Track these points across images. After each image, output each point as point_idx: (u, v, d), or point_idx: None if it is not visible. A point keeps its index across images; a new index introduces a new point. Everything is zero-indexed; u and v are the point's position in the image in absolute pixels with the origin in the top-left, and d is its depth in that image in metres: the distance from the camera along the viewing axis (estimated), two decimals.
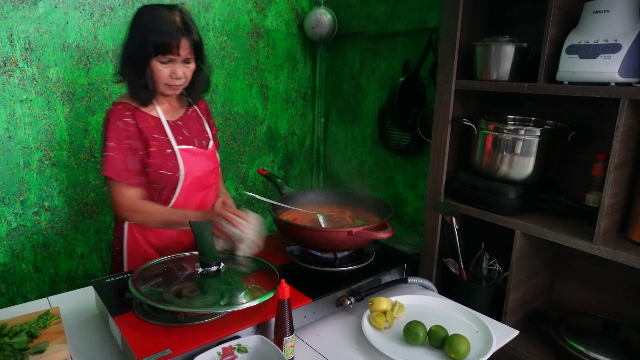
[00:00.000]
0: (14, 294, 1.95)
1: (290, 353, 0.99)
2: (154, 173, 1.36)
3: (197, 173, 1.43)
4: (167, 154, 1.37)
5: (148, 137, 1.35)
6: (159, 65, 1.29)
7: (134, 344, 0.89)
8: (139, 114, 1.36)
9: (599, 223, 1.29)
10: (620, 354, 1.32)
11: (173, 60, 1.30)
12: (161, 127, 1.39)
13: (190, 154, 1.42)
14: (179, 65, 1.31)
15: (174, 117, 1.45)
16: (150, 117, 1.38)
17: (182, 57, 1.30)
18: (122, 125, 1.32)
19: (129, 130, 1.33)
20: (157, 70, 1.30)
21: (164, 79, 1.32)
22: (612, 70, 1.23)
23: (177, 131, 1.42)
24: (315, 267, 1.27)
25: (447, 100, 1.62)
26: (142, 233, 1.45)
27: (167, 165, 1.37)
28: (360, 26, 2.47)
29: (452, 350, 0.99)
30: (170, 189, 1.40)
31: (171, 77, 1.32)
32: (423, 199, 2.31)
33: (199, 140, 1.47)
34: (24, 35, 1.77)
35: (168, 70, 1.31)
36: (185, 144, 1.42)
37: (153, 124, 1.38)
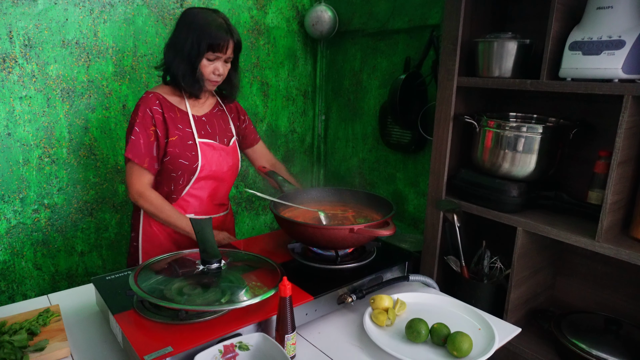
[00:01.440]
0: (13, 292, 1.94)
1: (292, 350, 0.98)
2: (174, 161, 1.45)
3: (214, 167, 1.51)
4: (188, 144, 1.46)
5: (171, 127, 1.45)
6: (206, 61, 1.41)
7: (135, 342, 0.88)
8: (167, 105, 1.47)
9: (601, 220, 1.29)
10: (622, 351, 1.31)
11: (218, 58, 1.42)
12: (187, 119, 1.49)
13: (210, 148, 1.51)
14: (221, 63, 1.44)
15: (200, 112, 1.54)
16: (177, 109, 1.48)
17: (227, 55, 1.43)
18: (150, 112, 1.42)
19: (156, 118, 1.43)
20: (203, 66, 1.42)
21: (207, 74, 1.44)
22: (616, 66, 1.22)
23: (201, 126, 1.51)
24: (317, 265, 1.26)
25: (449, 97, 1.62)
26: (159, 222, 1.52)
27: (186, 155, 1.45)
28: (361, 23, 2.46)
29: (455, 347, 0.98)
30: (186, 178, 1.48)
31: (214, 73, 1.44)
32: (424, 197, 2.30)
33: (220, 136, 1.56)
34: (23, 31, 1.77)
35: (212, 67, 1.43)
36: (206, 138, 1.51)
37: (179, 116, 1.48)
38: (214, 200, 1.59)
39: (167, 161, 1.45)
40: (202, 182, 1.51)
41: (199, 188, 1.52)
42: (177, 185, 1.49)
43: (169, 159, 1.45)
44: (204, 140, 1.50)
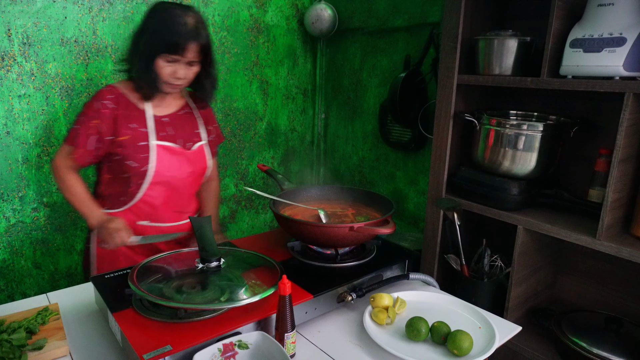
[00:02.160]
0: (13, 290, 1.94)
1: (292, 349, 0.98)
2: (122, 162, 1.37)
3: (170, 172, 1.41)
4: (139, 146, 1.37)
5: (122, 125, 1.36)
6: (162, 62, 1.31)
7: (134, 340, 0.88)
8: (123, 101, 1.37)
9: (602, 218, 1.28)
10: (623, 350, 1.31)
11: (177, 61, 1.31)
12: (142, 119, 1.39)
13: (169, 151, 1.41)
14: (182, 66, 1.33)
15: (162, 112, 1.44)
16: (134, 107, 1.39)
17: (187, 59, 1.32)
18: (99, 105, 1.35)
19: (102, 112, 1.34)
20: (159, 67, 1.32)
21: (165, 77, 1.34)
22: (617, 64, 1.22)
23: (162, 127, 1.42)
24: (316, 263, 1.26)
25: (449, 95, 1.61)
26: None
27: (135, 157, 1.36)
28: (361, 21, 2.45)
29: (455, 346, 0.98)
30: (136, 182, 1.39)
31: (172, 77, 1.34)
32: (424, 195, 2.30)
33: (184, 140, 1.46)
34: (22, 29, 1.76)
35: (170, 69, 1.32)
36: (165, 140, 1.41)
37: (135, 114, 1.38)
38: (171, 207, 1.49)
39: (117, 160, 1.37)
40: (157, 188, 1.42)
41: (153, 195, 1.42)
42: (127, 188, 1.40)
43: (119, 158, 1.37)
44: (162, 143, 1.40)
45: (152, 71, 1.32)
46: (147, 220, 1.45)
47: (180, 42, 1.27)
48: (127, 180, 1.39)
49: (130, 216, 1.43)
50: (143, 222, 1.45)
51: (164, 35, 1.27)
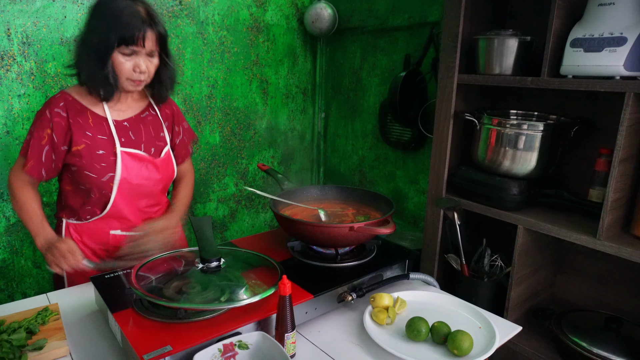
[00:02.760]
0: (13, 290, 1.94)
1: (292, 349, 0.98)
2: (80, 173, 1.29)
3: (136, 180, 1.34)
4: (98, 155, 1.28)
5: (77, 133, 1.27)
6: (121, 57, 1.22)
7: (134, 341, 0.88)
8: (76, 108, 1.28)
9: (602, 218, 1.28)
10: (623, 349, 1.31)
11: (136, 53, 1.23)
12: (102, 125, 1.30)
13: (135, 158, 1.33)
14: (143, 58, 1.25)
15: (122, 116, 1.35)
16: (90, 113, 1.30)
17: (147, 49, 1.23)
18: (49, 115, 1.25)
19: (54, 122, 1.25)
20: (119, 63, 1.22)
21: (127, 73, 1.24)
22: (617, 63, 1.21)
23: (122, 132, 1.33)
24: (317, 263, 1.25)
25: (449, 95, 1.61)
26: (79, 234, 1.38)
27: (94, 167, 1.28)
28: (360, 21, 2.45)
29: (455, 346, 0.98)
30: (98, 193, 1.31)
31: (134, 71, 1.25)
32: (424, 195, 2.30)
33: (147, 145, 1.37)
34: (21, 29, 1.76)
35: (131, 63, 1.23)
36: (129, 146, 1.33)
37: (91, 121, 1.29)
38: (143, 215, 1.42)
39: (75, 172, 1.29)
40: (125, 197, 1.34)
41: (121, 204, 1.34)
42: (88, 200, 1.32)
43: (76, 169, 1.29)
44: (126, 149, 1.31)
45: (110, 69, 1.22)
46: (118, 229, 1.39)
47: (137, 32, 1.19)
48: (87, 191, 1.31)
49: (101, 225, 1.37)
50: (115, 231, 1.39)
51: (119, 26, 1.18)
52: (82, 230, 1.38)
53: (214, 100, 2.39)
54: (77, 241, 1.38)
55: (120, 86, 1.28)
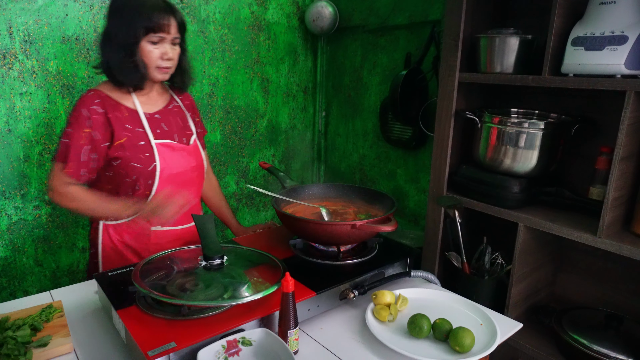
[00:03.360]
0: (15, 288, 1.95)
1: (295, 346, 0.98)
2: (125, 165, 1.31)
3: (175, 169, 1.38)
4: (140, 145, 1.32)
5: (117, 127, 1.30)
6: (150, 46, 1.27)
7: (139, 338, 0.88)
8: (111, 103, 1.31)
9: (603, 216, 1.29)
10: (623, 347, 1.32)
11: (163, 40, 1.28)
12: (137, 118, 1.34)
13: (169, 148, 1.37)
14: (169, 46, 1.30)
15: (152, 109, 1.40)
16: (124, 107, 1.33)
17: (172, 35, 1.29)
18: (87, 113, 1.28)
19: (93, 119, 1.28)
20: (147, 52, 1.27)
21: (155, 61, 1.29)
22: (618, 62, 1.22)
23: (155, 124, 1.37)
24: (319, 261, 1.26)
25: (451, 93, 1.61)
26: (119, 234, 1.40)
27: (139, 158, 1.31)
28: (361, 19, 2.45)
29: (457, 343, 0.98)
30: (144, 184, 1.34)
31: (162, 59, 1.29)
32: (424, 193, 2.30)
33: (179, 135, 1.42)
34: (23, 27, 1.76)
35: (158, 51, 1.28)
36: (163, 138, 1.37)
37: (126, 115, 1.33)
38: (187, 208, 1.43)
39: (118, 166, 1.31)
40: (166, 187, 1.37)
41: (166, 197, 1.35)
42: (134, 192, 1.34)
43: (120, 162, 1.31)
44: (160, 141, 1.35)
45: (139, 58, 1.27)
46: (158, 225, 1.41)
47: (164, 19, 1.25)
48: (133, 184, 1.33)
49: (142, 224, 1.39)
50: (156, 227, 1.41)
51: (146, 16, 1.23)
52: (122, 230, 1.40)
53: (215, 99, 2.39)
54: (117, 242, 1.40)
55: (149, 76, 1.32)
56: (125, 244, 1.41)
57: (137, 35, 1.25)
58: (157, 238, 1.43)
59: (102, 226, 1.40)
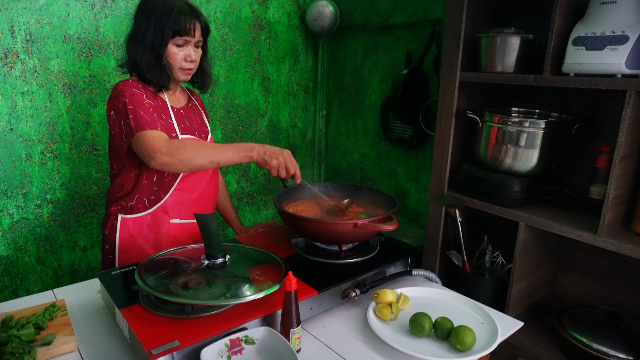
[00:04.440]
0: (17, 287, 1.95)
1: (297, 344, 0.99)
2: None
3: None
4: (172, 136, 1.35)
5: (157, 113, 1.34)
6: (175, 48, 1.33)
7: (142, 336, 0.89)
8: (149, 92, 1.36)
9: (603, 215, 1.29)
10: (623, 345, 1.32)
11: (188, 43, 1.34)
12: (167, 111, 1.39)
13: None
14: (193, 48, 1.36)
15: (177, 105, 1.45)
16: (159, 98, 1.39)
17: (196, 39, 1.34)
18: (138, 90, 1.32)
19: (147, 94, 1.34)
20: (172, 54, 1.33)
21: (179, 63, 1.35)
22: (619, 62, 1.22)
23: (180, 119, 1.42)
24: (320, 259, 1.27)
25: (452, 92, 1.62)
26: (138, 228, 1.41)
27: None
28: (362, 18, 2.46)
29: (458, 341, 0.99)
30: (172, 173, 1.38)
31: (186, 61, 1.35)
32: (425, 192, 2.31)
33: (199, 132, 1.48)
34: (24, 26, 1.76)
35: (183, 53, 1.34)
36: (187, 133, 1.42)
37: (161, 105, 1.38)
38: (201, 203, 1.48)
39: None
40: (189, 179, 1.42)
41: (185, 189, 1.42)
42: (161, 179, 1.38)
43: None
44: (185, 135, 1.40)
45: (166, 60, 1.33)
46: (177, 218, 1.44)
47: (189, 23, 1.30)
48: (161, 172, 1.36)
49: (161, 215, 1.41)
50: (175, 220, 1.44)
51: (174, 19, 1.28)
52: (141, 223, 1.42)
53: (216, 98, 2.39)
54: (137, 235, 1.42)
55: (173, 76, 1.37)
56: (145, 238, 1.43)
57: (165, 38, 1.30)
58: (176, 231, 1.45)
59: (120, 220, 1.41)
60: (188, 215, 1.46)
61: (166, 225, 1.43)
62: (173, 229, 1.44)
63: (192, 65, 1.37)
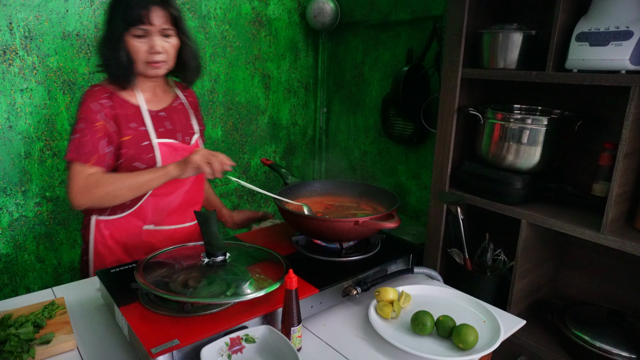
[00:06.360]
0: (16, 285, 1.95)
1: (298, 343, 0.98)
2: (128, 165, 1.28)
3: None
4: (143, 146, 1.28)
5: (124, 124, 1.27)
6: (134, 40, 1.21)
7: (142, 335, 0.88)
8: (117, 99, 1.28)
9: (606, 213, 1.28)
10: (625, 343, 1.32)
11: (149, 33, 1.21)
12: (140, 116, 1.30)
13: (171, 148, 1.33)
14: (157, 38, 1.22)
15: (157, 107, 1.35)
16: (129, 104, 1.30)
17: (158, 27, 1.20)
18: (97, 107, 1.23)
19: (105, 112, 1.24)
20: (133, 47, 1.21)
21: (142, 56, 1.23)
22: (623, 57, 1.21)
23: (159, 123, 1.33)
24: (321, 257, 1.26)
25: (453, 89, 1.60)
26: (110, 230, 1.37)
27: (142, 158, 1.28)
28: (363, 15, 2.44)
29: (461, 340, 0.98)
30: None
31: (150, 53, 1.22)
32: (426, 189, 2.30)
33: (182, 134, 1.39)
34: (23, 23, 1.75)
35: (145, 45, 1.21)
36: (166, 137, 1.33)
37: (132, 112, 1.29)
38: (182, 208, 1.42)
39: (122, 164, 1.28)
40: (167, 187, 1.32)
41: (161, 194, 1.34)
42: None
43: (124, 161, 1.27)
44: (163, 140, 1.31)
45: (126, 54, 1.21)
46: (152, 224, 1.39)
47: (142, 8, 1.16)
48: None
49: (134, 221, 1.37)
50: (148, 226, 1.39)
51: (125, 6, 1.17)
52: (113, 226, 1.37)
53: (216, 95, 2.38)
54: (108, 238, 1.37)
55: (138, 72, 1.26)
56: (117, 240, 1.38)
57: (118, 29, 1.18)
58: (149, 237, 1.40)
59: (94, 222, 1.36)
60: (164, 221, 1.40)
61: (138, 230, 1.38)
62: (146, 234, 1.40)
63: (160, 57, 1.24)
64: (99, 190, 1.21)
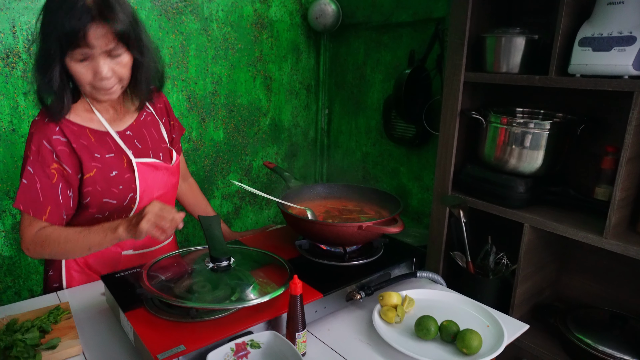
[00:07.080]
0: (20, 287, 1.95)
1: (303, 348, 0.99)
2: (96, 202, 1.13)
3: (155, 192, 1.22)
4: (112, 177, 1.12)
5: (86, 158, 1.09)
6: (77, 65, 0.99)
7: (147, 340, 0.88)
8: (73, 129, 1.08)
9: (609, 217, 1.29)
10: (628, 346, 1.32)
11: (91, 56, 0.98)
12: (105, 142, 1.13)
13: (149, 168, 1.20)
14: (103, 60, 1.00)
15: (122, 126, 1.18)
16: (89, 131, 1.11)
17: (101, 48, 0.98)
18: (49, 145, 1.05)
19: (57, 152, 1.06)
20: (76, 72, 1.00)
21: (90, 81, 1.02)
22: (626, 63, 1.21)
23: (129, 143, 1.18)
24: (325, 262, 1.26)
25: (456, 93, 1.61)
26: (85, 258, 1.25)
27: (112, 193, 1.13)
28: (364, 16, 2.44)
29: (465, 345, 0.98)
30: (118, 217, 1.17)
31: (97, 79, 1.01)
32: (428, 191, 2.30)
33: (155, 151, 1.23)
34: (26, 26, 1.75)
35: (89, 70, 1.00)
36: (140, 156, 1.19)
37: (94, 140, 1.11)
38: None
39: (88, 203, 1.12)
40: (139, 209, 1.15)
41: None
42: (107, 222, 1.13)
43: (89, 200, 1.12)
44: (141, 160, 1.17)
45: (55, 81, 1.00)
46: (130, 249, 1.28)
47: (78, 28, 0.93)
48: (103, 220, 1.13)
49: (112, 248, 1.24)
50: (127, 251, 1.28)
51: (57, 25, 0.93)
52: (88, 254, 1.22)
53: (218, 97, 2.38)
54: (82, 264, 1.25)
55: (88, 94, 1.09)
56: (90, 266, 1.26)
57: (52, 52, 0.96)
58: (129, 261, 1.29)
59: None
60: (143, 245, 1.29)
61: (117, 256, 1.27)
62: (126, 259, 1.28)
63: (111, 83, 1.03)
64: (48, 249, 1.09)
